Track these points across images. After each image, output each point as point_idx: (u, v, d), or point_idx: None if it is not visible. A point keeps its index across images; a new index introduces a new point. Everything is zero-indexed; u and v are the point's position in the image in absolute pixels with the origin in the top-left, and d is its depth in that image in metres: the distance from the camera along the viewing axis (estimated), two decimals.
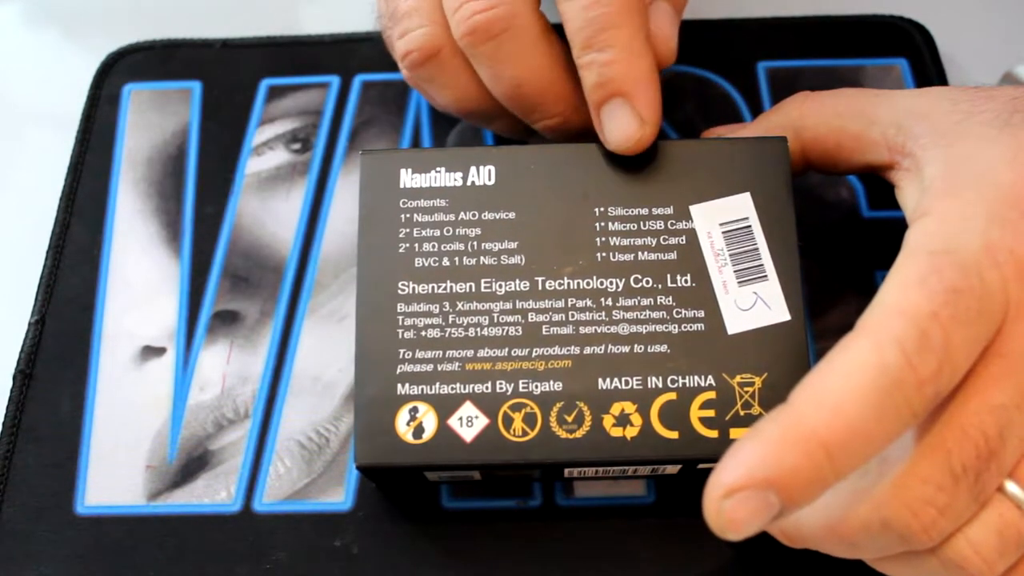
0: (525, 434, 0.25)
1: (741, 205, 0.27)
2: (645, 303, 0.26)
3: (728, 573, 0.28)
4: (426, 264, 0.27)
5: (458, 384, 0.26)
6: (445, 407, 0.25)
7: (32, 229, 0.35)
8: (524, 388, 0.26)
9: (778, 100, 0.29)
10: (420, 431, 0.25)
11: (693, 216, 0.27)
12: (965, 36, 0.37)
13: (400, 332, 0.26)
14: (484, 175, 0.27)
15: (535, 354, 0.26)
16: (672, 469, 0.27)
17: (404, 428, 0.25)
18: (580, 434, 0.25)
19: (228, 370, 0.32)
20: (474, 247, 0.27)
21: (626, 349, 0.26)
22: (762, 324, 0.26)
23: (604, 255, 0.26)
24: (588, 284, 0.26)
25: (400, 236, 0.27)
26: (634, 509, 0.29)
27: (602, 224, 0.27)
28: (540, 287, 0.26)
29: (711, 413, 0.25)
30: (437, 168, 0.27)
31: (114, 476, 0.30)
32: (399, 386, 0.26)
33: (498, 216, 0.27)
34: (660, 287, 0.26)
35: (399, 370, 0.26)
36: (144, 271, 0.34)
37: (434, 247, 0.27)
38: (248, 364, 0.32)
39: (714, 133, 0.30)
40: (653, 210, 0.27)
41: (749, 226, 0.27)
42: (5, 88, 0.39)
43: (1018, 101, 0.24)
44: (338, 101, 0.36)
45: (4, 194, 0.37)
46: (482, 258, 0.27)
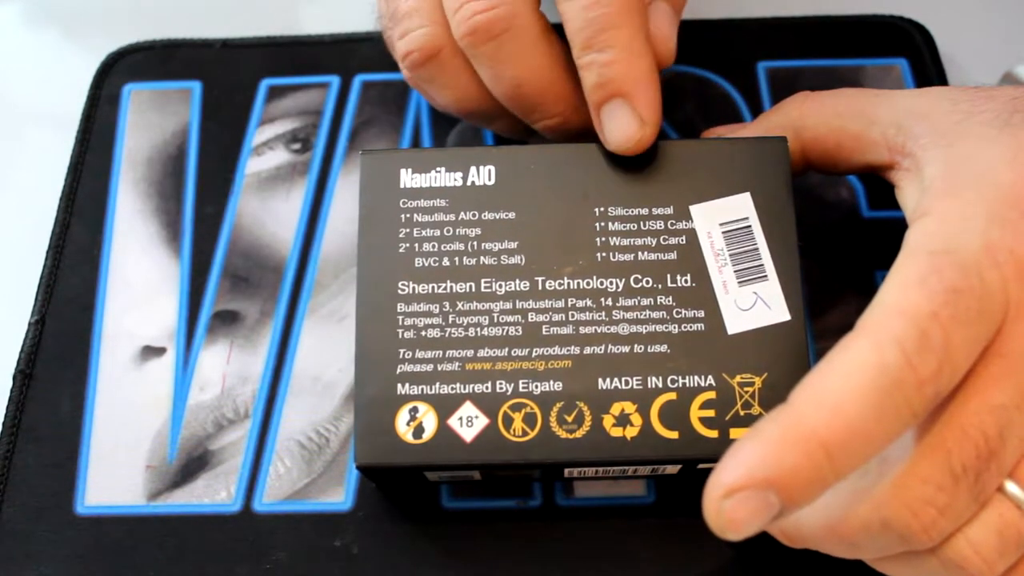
0: (525, 434, 0.25)
1: (741, 205, 0.27)
2: (645, 303, 0.26)
3: (728, 573, 0.28)
4: (426, 264, 0.27)
5: (458, 384, 0.26)
6: (445, 407, 0.25)
7: (32, 229, 0.35)
8: (524, 388, 0.26)
9: (778, 100, 0.29)
10: (420, 431, 0.25)
11: (693, 216, 0.27)
12: (965, 36, 0.37)
13: (400, 332, 0.26)
14: (484, 175, 0.27)
15: (535, 354, 0.26)
16: (672, 469, 0.27)
17: (404, 428, 0.25)
18: (580, 434, 0.25)
19: (228, 370, 0.32)
20: (474, 247, 0.27)
21: (626, 349, 0.26)
22: (762, 324, 0.26)
23: (604, 255, 0.26)
24: (588, 284, 0.26)
25: (400, 236, 0.27)
26: (634, 509, 0.29)
27: (602, 224, 0.27)
28: (540, 287, 0.26)
29: (711, 413, 0.25)
30: (437, 168, 0.27)
31: (114, 476, 0.30)
32: (399, 386, 0.26)
33: (498, 216, 0.27)
34: (660, 287, 0.26)
35: (399, 370, 0.26)
36: (144, 271, 0.33)
37: (434, 247, 0.27)
38: (248, 364, 0.32)
39: (714, 133, 0.30)
40: (653, 210, 0.27)
41: (749, 226, 0.27)
42: (5, 88, 0.39)
43: (1018, 101, 0.24)
44: (338, 101, 0.36)
45: (4, 194, 0.37)
46: (482, 258, 0.27)
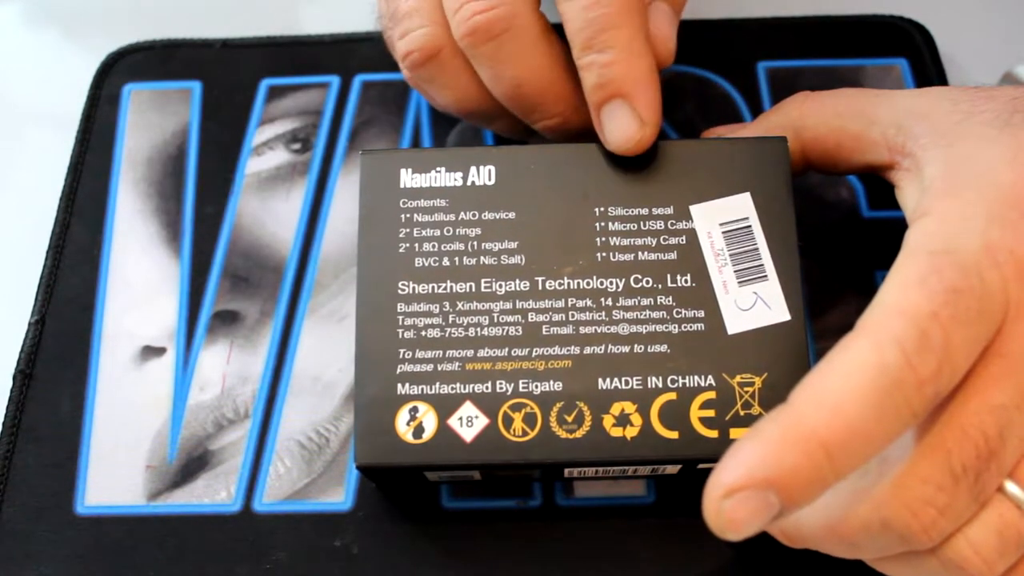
0: (525, 434, 0.25)
1: (741, 205, 0.27)
2: (645, 303, 0.26)
3: (728, 573, 0.28)
4: (426, 264, 0.27)
5: (458, 384, 0.26)
6: (445, 407, 0.25)
7: (32, 229, 0.35)
8: (524, 388, 0.26)
9: (778, 100, 0.29)
10: (420, 431, 0.25)
11: (693, 216, 0.27)
12: (965, 36, 0.37)
13: (400, 332, 0.26)
14: (484, 175, 0.27)
15: (535, 354, 0.26)
16: (672, 469, 0.27)
17: (404, 428, 0.25)
18: (580, 434, 0.25)
19: (228, 370, 0.32)
20: (474, 247, 0.27)
21: (626, 349, 0.26)
22: (762, 324, 0.26)
23: (604, 255, 0.26)
24: (588, 284, 0.26)
25: (400, 236, 0.27)
26: (634, 509, 0.29)
27: (602, 224, 0.27)
28: (540, 287, 0.26)
29: (711, 413, 0.25)
30: (437, 168, 0.27)
31: (114, 476, 0.30)
32: (399, 386, 0.26)
33: (498, 216, 0.27)
34: (660, 287, 0.26)
35: (399, 370, 0.26)
36: (144, 271, 0.33)
37: (434, 247, 0.27)
38: (248, 364, 0.32)
39: (714, 133, 0.30)
40: (653, 210, 0.27)
41: (749, 226, 0.27)
42: (5, 88, 0.39)
43: (1018, 101, 0.24)
44: (338, 101, 0.36)
45: (4, 194, 0.37)
46: (482, 258, 0.27)
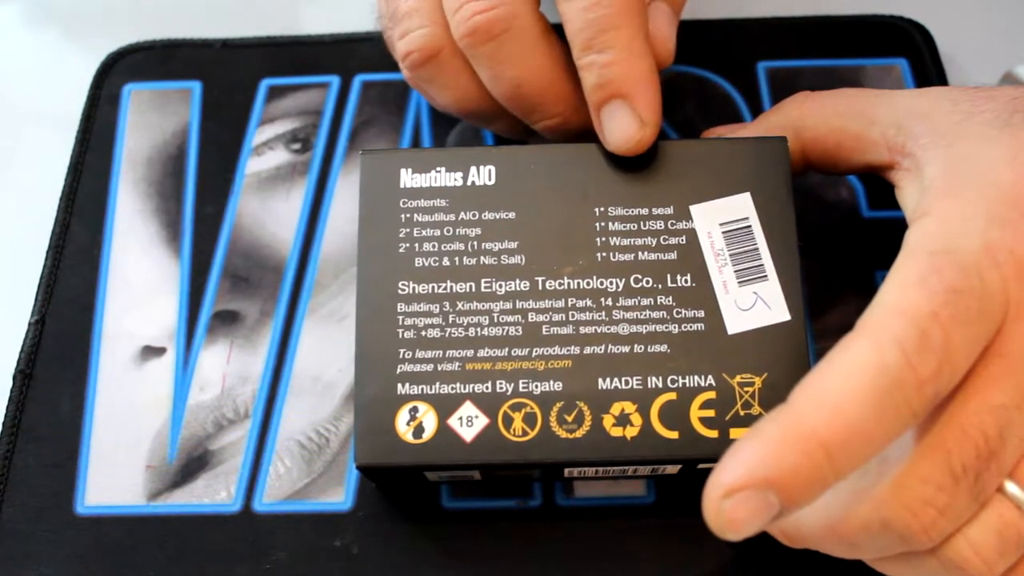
0: (525, 434, 0.25)
1: (741, 205, 0.27)
2: (645, 303, 0.26)
3: (728, 573, 0.28)
4: (426, 264, 0.27)
5: (458, 384, 0.26)
6: (445, 407, 0.25)
7: (32, 229, 0.35)
8: (524, 388, 0.26)
9: (778, 100, 0.29)
10: (420, 431, 0.25)
11: (693, 216, 0.27)
12: (965, 36, 0.37)
13: (400, 332, 0.26)
14: (484, 175, 0.27)
15: (535, 354, 0.26)
16: (672, 469, 0.27)
17: (404, 428, 0.25)
18: (580, 434, 0.25)
19: (228, 370, 0.32)
20: (474, 247, 0.27)
21: (626, 349, 0.26)
22: (762, 324, 0.26)
23: (604, 255, 0.26)
24: (588, 284, 0.26)
25: (400, 236, 0.27)
26: (634, 509, 0.29)
27: (602, 224, 0.27)
28: (540, 287, 0.26)
29: (711, 413, 0.25)
30: (437, 168, 0.27)
31: (114, 476, 0.30)
32: (399, 386, 0.26)
33: (498, 216, 0.27)
34: (660, 287, 0.26)
35: (399, 370, 0.26)
36: (144, 271, 0.33)
37: (434, 247, 0.27)
38: (248, 364, 0.32)
39: (714, 133, 0.30)
40: (653, 210, 0.27)
41: (749, 226, 0.27)
42: (5, 88, 0.39)
43: (1018, 101, 0.24)
44: (338, 101, 0.36)
45: (4, 194, 0.37)
46: (482, 258, 0.27)
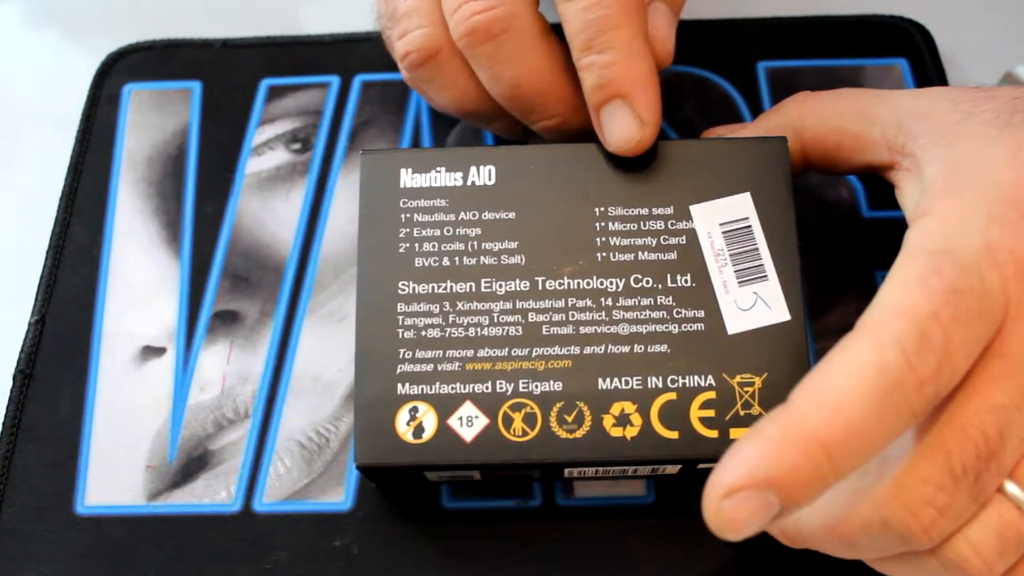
0: (525, 434, 0.25)
1: (741, 205, 0.27)
2: (645, 303, 0.26)
3: (728, 573, 0.28)
4: (426, 264, 0.27)
5: (458, 384, 0.26)
6: (445, 407, 0.25)
7: (32, 229, 0.35)
8: (524, 388, 0.26)
9: (778, 100, 0.29)
10: (420, 431, 0.25)
11: (693, 216, 0.27)
12: (965, 36, 0.37)
13: (400, 332, 0.26)
14: (484, 175, 0.27)
15: (535, 354, 0.26)
16: (672, 469, 0.27)
17: (404, 428, 0.25)
18: (580, 434, 0.25)
19: (228, 370, 0.32)
20: (474, 247, 0.27)
21: (626, 349, 0.26)
22: (762, 324, 0.26)
23: (604, 255, 0.26)
24: (588, 284, 0.26)
25: (400, 236, 0.27)
26: (634, 509, 0.29)
27: (602, 224, 0.27)
28: (540, 287, 0.26)
29: (711, 413, 0.25)
30: (437, 168, 0.27)
31: (114, 476, 0.30)
32: (399, 386, 0.26)
33: (498, 216, 0.27)
34: (660, 287, 0.26)
35: (399, 370, 0.26)
36: (144, 271, 0.34)
37: (434, 247, 0.27)
38: (248, 364, 0.32)
39: (714, 133, 0.30)
40: (653, 210, 0.27)
41: (749, 226, 0.27)
42: (5, 88, 0.39)
43: (1018, 101, 0.24)
44: (338, 101, 0.36)
45: (4, 194, 0.37)
46: (482, 258, 0.27)
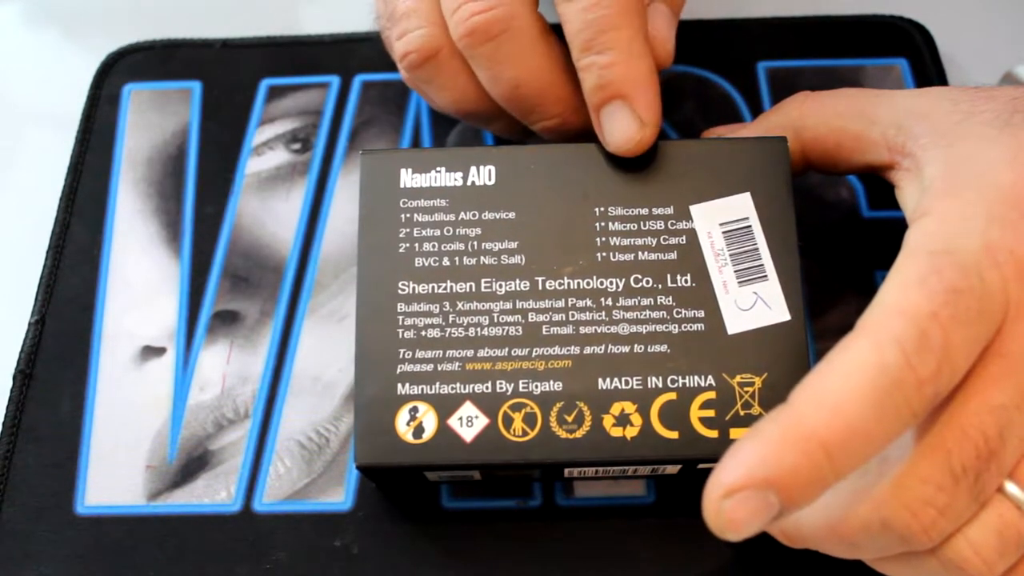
0: (525, 434, 0.25)
1: (741, 205, 0.27)
2: (645, 303, 0.26)
3: (728, 573, 0.28)
4: (426, 264, 0.27)
5: (458, 384, 0.26)
6: (445, 407, 0.25)
7: (32, 229, 0.35)
8: (524, 388, 0.26)
9: (778, 100, 0.29)
10: (420, 431, 0.25)
11: (693, 216, 0.27)
12: (965, 36, 0.37)
13: (400, 332, 0.26)
14: (484, 175, 0.27)
15: (535, 354, 0.26)
16: (672, 469, 0.27)
17: (404, 428, 0.25)
18: (580, 434, 0.25)
19: (228, 370, 0.32)
20: (474, 247, 0.27)
21: (626, 349, 0.26)
22: (762, 324, 0.26)
23: (604, 255, 0.26)
24: (588, 284, 0.26)
25: (400, 236, 0.27)
26: (634, 509, 0.29)
27: (602, 224, 0.27)
28: (540, 287, 0.26)
29: (711, 413, 0.25)
30: (437, 168, 0.27)
31: (114, 476, 0.30)
32: (399, 386, 0.26)
33: (498, 216, 0.27)
34: (660, 287, 0.26)
35: (399, 370, 0.26)
36: (144, 271, 0.34)
37: (434, 247, 0.27)
38: (248, 364, 0.32)
39: (714, 133, 0.30)
40: (653, 210, 0.27)
41: (749, 226, 0.27)
42: (5, 88, 0.39)
43: (1018, 101, 0.24)
44: (338, 101, 0.36)
45: (4, 194, 0.37)
46: (482, 258, 0.27)
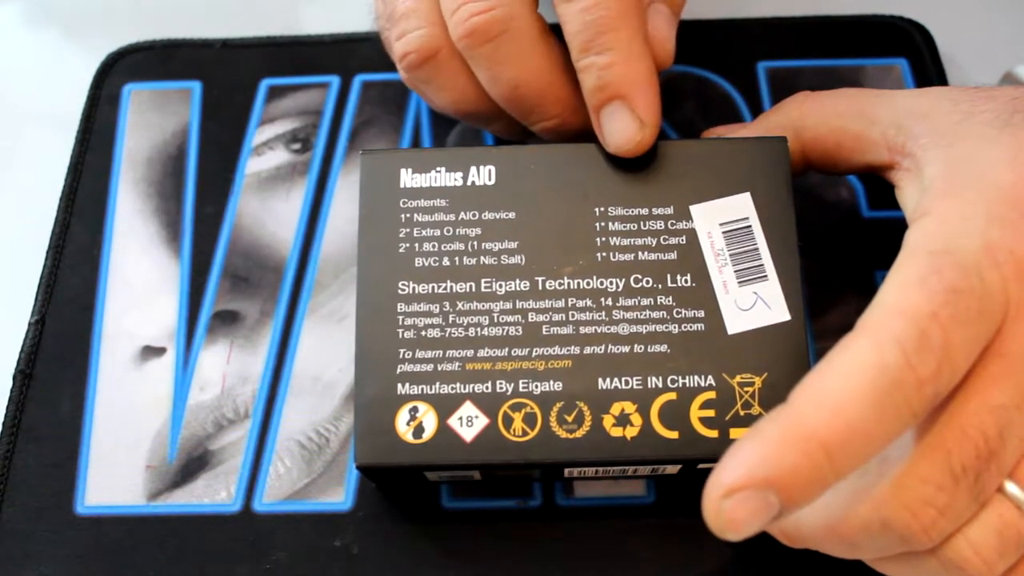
0: (525, 434, 0.25)
1: (741, 205, 0.27)
2: (645, 303, 0.26)
3: (728, 573, 0.28)
4: (426, 264, 0.27)
5: (458, 384, 0.26)
6: (445, 407, 0.25)
7: (32, 229, 0.35)
8: (524, 388, 0.26)
9: (778, 100, 0.29)
10: (420, 431, 0.25)
11: (693, 216, 0.27)
12: (965, 36, 0.37)
13: (400, 332, 0.26)
14: (484, 175, 0.27)
15: (535, 354, 0.26)
16: (672, 469, 0.27)
17: (404, 428, 0.25)
18: (580, 434, 0.25)
19: (228, 370, 0.32)
20: (474, 247, 0.27)
21: (626, 349, 0.26)
22: (762, 324, 0.26)
23: (604, 255, 0.26)
24: (588, 284, 0.26)
25: (400, 236, 0.27)
26: (634, 509, 0.29)
27: (602, 224, 0.27)
28: (540, 287, 0.26)
29: (711, 413, 0.25)
30: (437, 168, 0.27)
31: (114, 476, 0.30)
32: (399, 386, 0.26)
33: (498, 216, 0.27)
34: (660, 287, 0.26)
35: (399, 370, 0.26)
36: (144, 271, 0.34)
37: (434, 247, 0.27)
38: (248, 364, 0.32)
39: (714, 133, 0.30)
40: (653, 210, 0.27)
41: (749, 226, 0.27)
42: (5, 88, 0.39)
43: (1018, 101, 0.24)
44: (338, 101, 0.36)
45: (4, 194, 0.37)
46: (482, 258, 0.27)
